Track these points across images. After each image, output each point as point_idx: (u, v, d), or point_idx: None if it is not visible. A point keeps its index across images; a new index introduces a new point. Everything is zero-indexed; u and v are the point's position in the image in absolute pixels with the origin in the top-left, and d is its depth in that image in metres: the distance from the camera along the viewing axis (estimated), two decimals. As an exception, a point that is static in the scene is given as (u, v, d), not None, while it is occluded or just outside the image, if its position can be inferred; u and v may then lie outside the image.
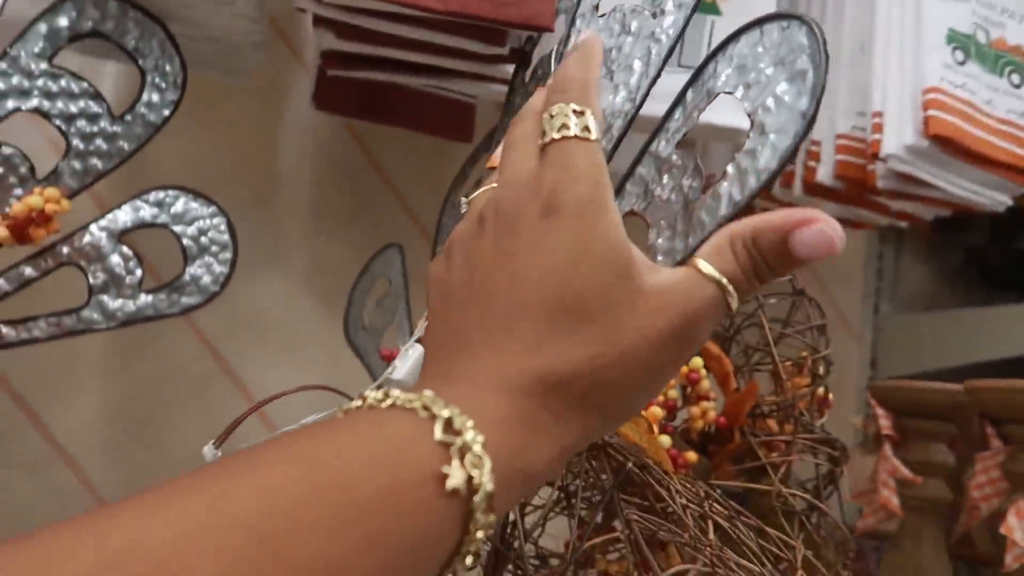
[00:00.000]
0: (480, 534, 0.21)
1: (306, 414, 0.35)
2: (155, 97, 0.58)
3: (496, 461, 0.21)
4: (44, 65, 0.56)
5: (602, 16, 0.37)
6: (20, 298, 0.55)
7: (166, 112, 0.58)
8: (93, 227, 0.56)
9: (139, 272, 0.57)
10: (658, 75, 0.34)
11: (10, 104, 0.55)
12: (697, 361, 0.49)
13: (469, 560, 0.21)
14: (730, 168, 0.29)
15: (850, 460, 0.72)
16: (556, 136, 0.26)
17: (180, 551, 0.16)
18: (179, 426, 0.79)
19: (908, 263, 1.16)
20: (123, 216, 0.57)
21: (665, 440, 0.48)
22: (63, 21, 0.56)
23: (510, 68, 0.52)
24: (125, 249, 0.57)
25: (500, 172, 0.28)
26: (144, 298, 0.57)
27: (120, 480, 0.79)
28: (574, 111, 0.27)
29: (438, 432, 0.20)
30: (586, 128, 0.26)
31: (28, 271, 0.55)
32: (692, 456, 0.48)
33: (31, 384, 0.77)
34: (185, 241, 0.58)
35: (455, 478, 0.20)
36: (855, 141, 0.71)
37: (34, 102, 0.56)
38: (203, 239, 0.58)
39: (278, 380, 0.55)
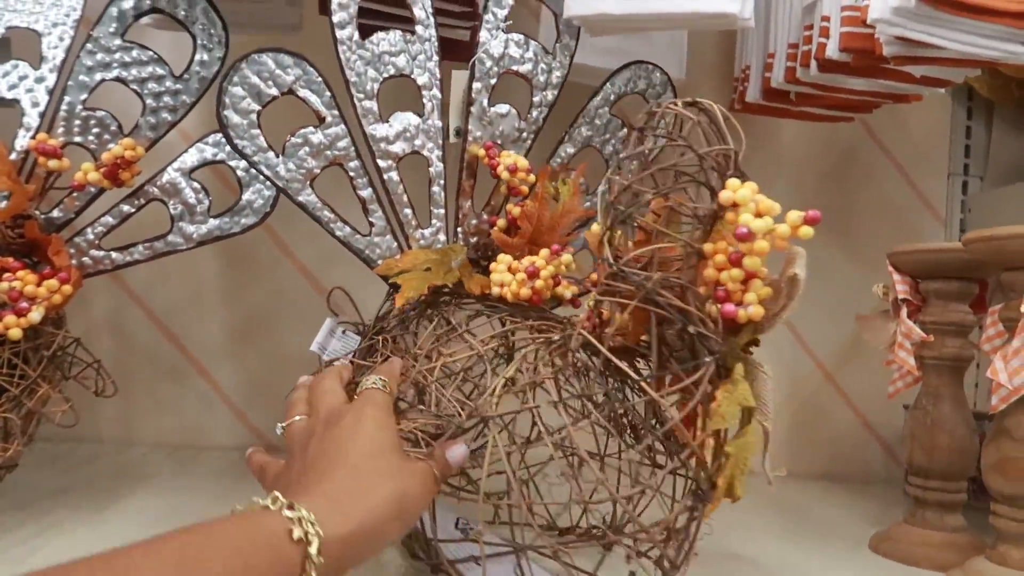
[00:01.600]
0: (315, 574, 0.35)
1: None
2: (205, 56, 0.70)
3: (324, 525, 0.36)
4: (119, 41, 0.69)
5: None
6: (122, 230, 0.70)
7: (215, 68, 0.70)
8: (169, 169, 0.70)
9: (207, 201, 0.70)
10: None
11: (98, 76, 0.69)
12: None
13: None
14: None
15: (870, 328, 0.74)
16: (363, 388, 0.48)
17: None
18: (286, 337, 0.94)
19: (1000, 135, 1.10)
20: (190, 157, 0.70)
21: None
22: (128, 3, 0.69)
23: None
24: (195, 183, 0.70)
25: (317, 406, 0.47)
26: (213, 222, 0.70)
27: (242, 382, 0.95)
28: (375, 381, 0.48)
29: (288, 513, 0.36)
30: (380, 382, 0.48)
31: (126, 208, 0.70)
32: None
33: (168, 311, 0.94)
34: (239, 172, 0.70)
35: (297, 532, 0.35)
36: (858, 11, 0.71)
37: (115, 72, 0.69)
38: (253, 170, 0.69)
39: (365, 299, 0.68)
